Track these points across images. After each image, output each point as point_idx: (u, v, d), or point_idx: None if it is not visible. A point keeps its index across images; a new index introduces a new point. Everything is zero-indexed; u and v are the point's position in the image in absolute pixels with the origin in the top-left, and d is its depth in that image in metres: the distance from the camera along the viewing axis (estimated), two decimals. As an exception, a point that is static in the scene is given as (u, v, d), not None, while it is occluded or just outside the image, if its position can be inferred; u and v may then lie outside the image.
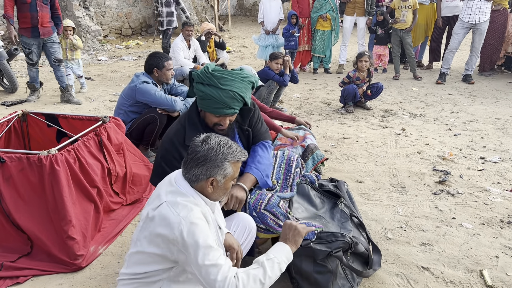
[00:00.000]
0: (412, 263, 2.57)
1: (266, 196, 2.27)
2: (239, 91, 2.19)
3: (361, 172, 3.84)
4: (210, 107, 2.19)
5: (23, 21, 5.53)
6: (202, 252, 1.60)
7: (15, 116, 3.27)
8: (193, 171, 1.73)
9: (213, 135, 1.79)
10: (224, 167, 1.73)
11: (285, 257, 1.77)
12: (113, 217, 3.03)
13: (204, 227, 1.65)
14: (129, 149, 3.33)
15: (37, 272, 2.49)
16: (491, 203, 3.27)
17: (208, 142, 1.74)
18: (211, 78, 2.17)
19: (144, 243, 1.73)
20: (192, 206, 1.69)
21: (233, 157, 1.75)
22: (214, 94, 2.15)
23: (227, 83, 2.17)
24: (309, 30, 7.90)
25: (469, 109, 5.77)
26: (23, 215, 2.55)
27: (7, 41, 10.13)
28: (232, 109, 2.20)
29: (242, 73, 2.26)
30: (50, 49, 5.84)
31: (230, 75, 2.21)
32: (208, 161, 1.71)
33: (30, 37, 5.59)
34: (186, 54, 6.79)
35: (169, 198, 1.72)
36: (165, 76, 3.94)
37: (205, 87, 2.18)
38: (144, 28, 13.19)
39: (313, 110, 5.84)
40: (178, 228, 1.62)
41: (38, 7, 5.52)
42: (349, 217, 2.48)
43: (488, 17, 6.83)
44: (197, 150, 1.73)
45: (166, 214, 1.67)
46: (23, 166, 2.51)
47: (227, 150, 1.74)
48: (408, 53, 7.49)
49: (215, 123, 2.25)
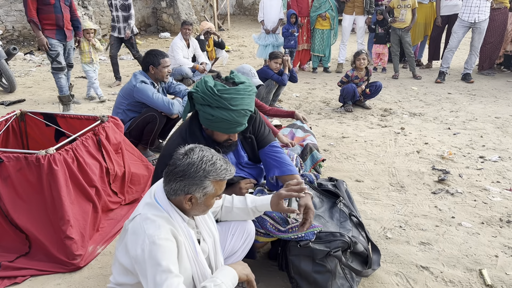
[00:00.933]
0: (412, 262, 2.56)
1: None
2: (249, 107, 2.11)
3: (360, 172, 3.84)
4: (221, 128, 2.11)
5: (46, 23, 5.14)
6: (160, 275, 1.53)
7: (13, 116, 3.26)
8: (171, 184, 1.64)
9: (198, 148, 1.68)
10: (204, 185, 1.63)
11: (231, 282, 1.69)
12: (111, 216, 3.02)
13: (167, 249, 1.56)
14: (127, 148, 3.32)
15: (35, 272, 2.48)
16: (491, 202, 3.27)
17: (190, 156, 1.63)
18: (220, 100, 2.03)
19: (120, 253, 1.72)
20: (161, 224, 1.61)
21: (215, 176, 1.64)
22: (226, 117, 2.04)
23: (237, 103, 2.05)
24: (308, 29, 7.89)
25: (469, 108, 5.77)
26: (21, 215, 2.54)
27: (5, 40, 10.12)
28: (244, 125, 2.15)
29: (247, 87, 2.12)
30: (67, 53, 5.58)
31: (238, 93, 2.07)
32: (187, 177, 1.61)
33: (55, 38, 5.25)
34: (185, 53, 6.79)
35: (144, 211, 1.66)
36: (160, 73, 3.90)
37: (214, 110, 2.04)
38: (143, 27, 13.19)
39: (312, 109, 5.83)
40: (141, 246, 1.56)
41: (62, 8, 5.22)
42: (348, 216, 2.47)
43: (487, 16, 6.82)
44: (176, 163, 1.63)
45: (135, 228, 1.62)
46: (21, 165, 2.50)
47: (210, 167, 1.63)
48: (407, 52, 7.48)
49: (225, 139, 2.19)
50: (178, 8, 12.18)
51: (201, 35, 7.38)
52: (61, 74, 5.40)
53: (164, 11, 12.85)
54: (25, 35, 10.87)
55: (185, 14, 12.23)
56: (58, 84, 5.44)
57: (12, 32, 10.69)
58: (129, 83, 3.89)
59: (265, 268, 2.49)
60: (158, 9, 13.13)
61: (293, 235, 2.15)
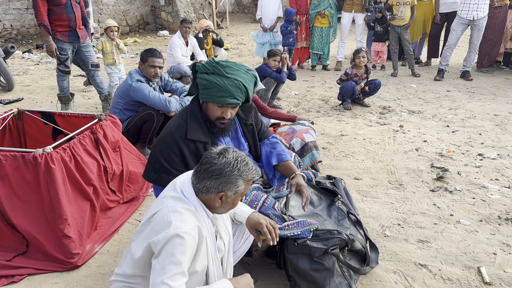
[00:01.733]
0: (410, 260, 2.56)
1: (261, 198, 2.25)
2: (243, 81, 2.18)
3: (359, 169, 3.83)
4: (213, 96, 2.16)
5: (58, 24, 4.84)
6: (169, 266, 1.56)
7: (11, 114, 3.25)
8: (205, 182, 1.69)
9: (231, 149, 1.75)
10: (238, 184, 1.70)
11: None
12: (109, 215, 3.01)
13: (186, 245, 1.60)
14: (125, 147, 3.32)
15: (32, 271, 2.48)
16: (489, 200, 3.27)
17: (226, 156, 1.70)
18: (216, 66, 2.17)
19: (137, 245, 1.73)
20: (188, 218, 1.65)
21: (248, 175, 1.72)
22: (219, 82, 2.13)
23: (232, 72, 2.17)
24: (307, 27, 7.87)
25: (467, 106, 5.76)
26: (18, 214, 2.53)
27: (3, 39, 10.10)
28: (235, 99, 2.17)
29: (247, 66, 2.27)
30: (86, 53, 5.24)
31: (236, 65, 2.22)
32: (222, 176, 1.68)
33: (67, 41, 4.94)
34: (183, 51, 6.77)
35: (170, 203, 1.69)
36: (146, 71, 3.86)
37: (209, 75, 2.16)
38: (141, 25, 13.16)
39: (311, 107, 5.83)
40: (165, 234, 1.59)
41: (74, 7, 4.91)
42: (346, 214, 2.47)
43: (486, 13, 6.82)
44: (213, 162, 1.69)
45: (162, 219, 1.65)
46: (18, 164, 2.49)
47: (244, 167, 1.71)
48: (406, 49, 7.47)
49: (217, 116, 2.22)
50: (177, 6, 12.16)
51: (199, 33, 7.36)
52: (65, 77, 5.24)
53: (163, 9, 12.82)
54: (23, 34, 10.85)
55: (183, 12, 12.20)
56: (60, 84, 5.29)
57: (10, 30, 10.67)
58: (125, 83, 3.88)
59: (263, 266, 2.49)
60: (156, 7, 13.11)
61: (289, 232, 2.14)
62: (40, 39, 10.91)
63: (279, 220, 2.19)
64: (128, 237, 2.84)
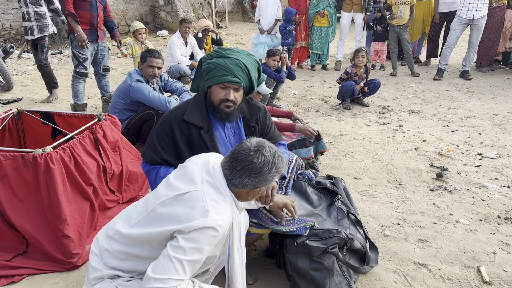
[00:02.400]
0: (409, 259, 2.56)
1: None
2: (244, 61, 2.22)
3: (358, 169, 3.83)
4: (215, 76, 2.17)
5: (80, 21, 4.70)
6: (190, 252, 1.55)
7: (10, 114, 3.24)
8: (242, 179, 1.69)
9: (266, 144, 1.74)
10: (273, 180, 1.74)
11: None
12: (109, 215, 3.01)
13: (218, 238, 1.61)
14: (125, 147, 3.31)
15: (32, 271, 2.47)
16: (489, 199, 3.27)
17: (264, 154, 1.69)
18: (218, 51, 2.25)
19: (153, 217, 1.69)
20: (224, 211, 1.65)
21: (282, 170, 1.75)
22: (220, 62, 2.18)
23: (233, 53, 2.23)
24: (307, 26, 7.87)
25: (467, 105, 5.77)
26: (18, 214, 2.53)
27: (2, 39, 10.09)
28: (237, 78, 2.17)
29: (246, 52, 2.33)
30: (101, 56, 5.13)
31: (237, 50, 2.30)
32: (261, 174, 1.69)
33: (88, 40, 4.83)
34: (183, 51, 6.76)
35: (206, 188, 1.67)
36: (144, 71, 3.87)
37: (212, 59, 2.22)
38: (141, 25, 13.13)
39: (311, 107, 5.83)
40: (201, 222, 1.57)
41: (98, 7, 4.80)
42: (346, 214, 2.47)
43: (485, 13, 6.82)
44: (252, 161, 1.68)
45: (198, 203, 1.62)
46: (18, 164, 2.49)
47: (280, 163, 1.72)
48: (405, 49, 7.47)
49: (221, 99, 2.20)
50: (176, 6, 12.15)
51: (199, 33, 7.36)
52: (81, 80, 5.03)
53: (162, 9, 12.81)
54: (22, 33, 10.83)
55: (183, 12, 12.19)
56: (75, 89, 5.04)
57: (9, 30, 10.66)
58: (124, 83, 3.87)
59: (263, 266, 2.49)
60: (156, 7, 13.09)
61: (285, 228, 2.15)
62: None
63: (274, 216, 2.18)
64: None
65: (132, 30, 5.98)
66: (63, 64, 8.91)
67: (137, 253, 1.74)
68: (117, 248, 1.77)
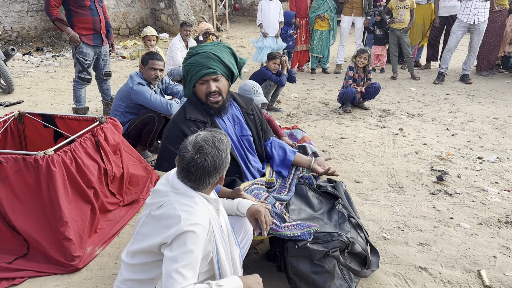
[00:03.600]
0: (410, 263, 2.56)
1: (262, 196, 2.26)
2: (212, 51, 2.35)
3: (359, 172, 3.84)
4: (193, 76, 2.34)
5: (82, 27, 4.67)
6: (181, 258, 1.59)
7: (12, 117, 3.25)
8: (207, 181, 1.73)
9: (198, 139, 1.73)
10: (228, 161, 1.78)
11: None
12: (110, 217, 3.01)
13: (200, 234, 1.63)
14: (126, 149, 3.32)
15: (33, 274, 2.47)
16: (489, 203, 3.27)
17: (207, 152, 1.69)
18: (190, 51, 2.40)
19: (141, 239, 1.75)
20: (197, 210, 1.68)
21: (227, 144, 1.79)
22: (192, 61, 2.34)
23: (201, 48, 2.37)
24: (307, 30, 7.89)
25: (467, 109, 5.78)
26: (19, 216, 2.53)
27: (4, 41, 10.11)
28: (211, 69, 2.31)
29: (216, 42, 2.48)
30: (102, 62, 5.07)
31: (206, 44, 2.44)
32: (219, 167, 1.73)
33: (92, 44, 4.78)
34: (183, 54, 6.77)
35: (173, 197, 1.71)
36: (146, 74, 3.90)
37: (186, 61, 2.38)
38: (141, 28, 13.16)
39: (311, 110, 5.84)
40: (177, 227, 1.61)
41: (98, 10, 4.74)
42: (347, 218, 2.47)
43: (487, 17, 6.83)
44: (204, 165, 1.68)
45: (169, 212, 1.67)
46: (20, 167, 2.50)
47: (220, 144, 1.73)
48: (405, 52, 7.49)
49: (205, 93, 2.36)
50: (177, 9, 12.18)
51: (200, 36, 7.37)
52: (83, 86, 5.01)
53: (163, 12, 12.84)
54: (24, 36, 10.86)
55: (183, 15, 12.22)
56: (77, 94, 5.02)
57: (10, 33, 10.68)
58: (126, 85, 3.88)
59: (264, 269, 2.49)
60: (156, 10, 13.12)
61: (289, 233, 2.15)
62: (40, 41, 10.92)
63: (279, 218, 2.19)
64: (129, 240, 2.84)
65: (142, 36, 5.98)
66: (64, 66, 8.93)
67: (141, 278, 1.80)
68: (125, 276, 1.84)
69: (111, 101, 5.37)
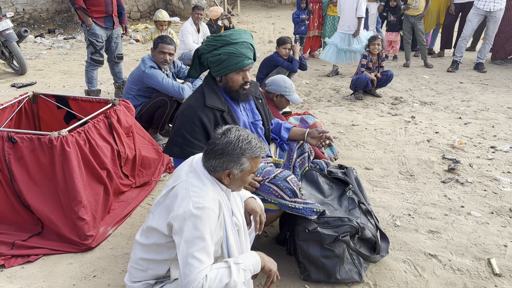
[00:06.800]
0: (420, 250, 2.57)
1: (273, 173, 2.24)
2: (249, 40, 2.31)
3: (369, 159, 3.83)
4: (231, 65, 2.24)
5: (94, 10, 4.75)
6: (194, 240, 1.61)
7: (26, 98, 3.28)
8: (211, 162, 1.74)
9: (234, 128, 1.78)
10: (241, 162, 1.74)
11: (252, 267, 1.73)
12: (122, 199, 3.05)
13: (209, 217, 1.65)
14: (138, 132, 3.34)
15: (47, 251, 2.53)
16: (501, 192, 3.25)
17: (228, 136, 1.74)
18: (222, 39, 2.25)
19: (154, 217, 1.78)
20: (207, 192, 1.70)
21: (251, 153, 1.75)
22: (232, 50, 2.22)
23: (237, 37, 2.27)
24: (320, 15, 7.79)
25: (480, 98, 5.70)
26: (33, 196, 2.58)
27: (16, 23, 10.14)
28: (250, 59, 2.29)
29: (240, 30, 2.38)
30: (114, 44, 5.14)
31: (234, 31, 2.32)
32: (225, 155, 1.72)
33: (103, 26, 4.86)
34: (195, 38, 6.74)
35: (189, 178, 1.74)
36: (156, 57, 3.89)
37: (219, 49, 2.24)
38: (153, 11, 13.09)
39: (322, 96, 5.80)
40: (184, 208, 1.63)
41: None
42: (357, 204, 2.48)
43: (503, 5, 6.69)
44: (215, 143, 1.74)
45: (181, 192, 1.69)
46: (34, 147, 2.53)
47: (246, 145, 1.73)
48: (419, 40, 7.38)
49: (240, 83, 2.31)
50: (188, -7, 12.07)
51: (219, 21, 7.28)
52: (96, 68, 5.07)
53: (174, -5, 12.75)
54: (36, 18, 10.89)
55: (195, -1, 12.12)
56: (89, 75, 5.08)
57: (22, 14, 10.71)
58: (138, 69, 3.89)
59: (274, 253, 2.51)
60: (168, -7, 13.03)
61: (292, 204, 2.16)
62: (52, 23, 10.94)
63: (291, 192, 2.17)
64: (140, 221, 2.88)
65: (154, 19, 5.97)
66: (76, 49, 8.96)
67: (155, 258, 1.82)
68: (139, 256, 1.86)
69: (123, 84, 5.39)
